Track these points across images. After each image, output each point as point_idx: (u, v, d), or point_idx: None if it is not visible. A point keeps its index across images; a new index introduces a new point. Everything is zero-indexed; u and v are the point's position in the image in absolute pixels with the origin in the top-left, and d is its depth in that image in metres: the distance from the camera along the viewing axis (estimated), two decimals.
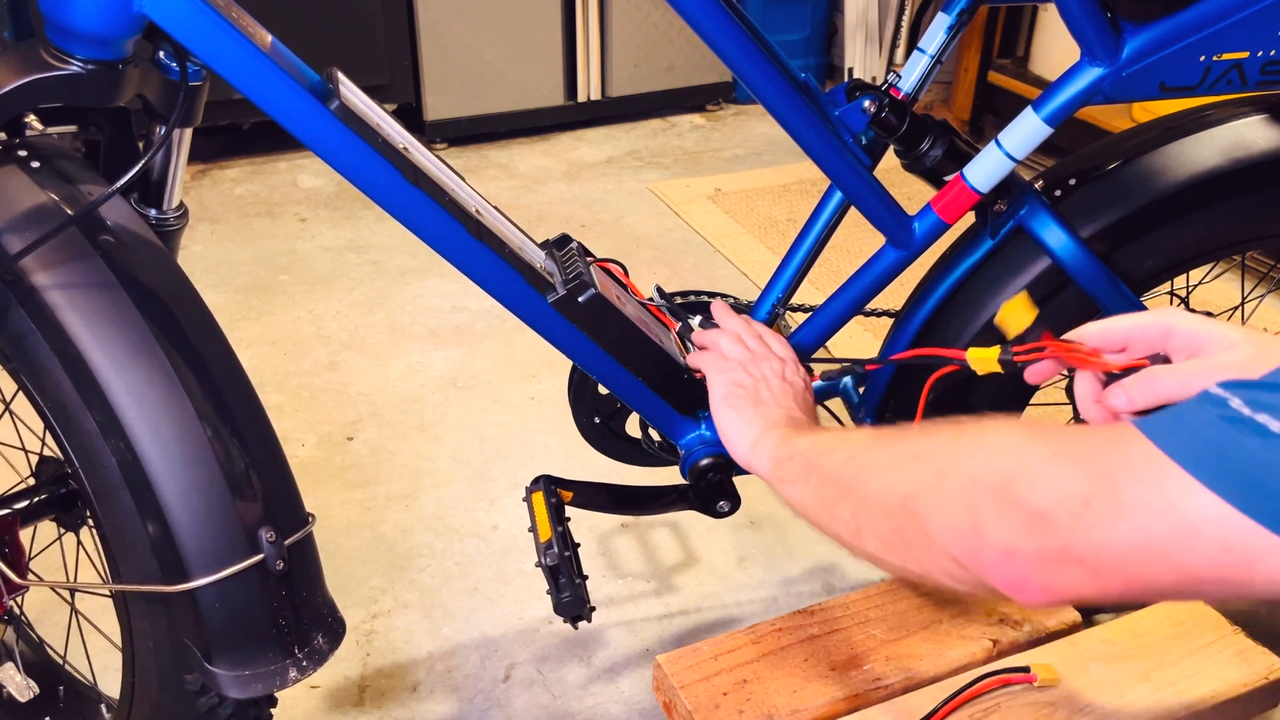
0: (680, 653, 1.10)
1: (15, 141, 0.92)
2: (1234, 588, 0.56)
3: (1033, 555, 0.60)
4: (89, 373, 0.84)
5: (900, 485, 0.69)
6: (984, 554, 0.62)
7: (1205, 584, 0.57)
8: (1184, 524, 0.55)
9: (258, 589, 0.88)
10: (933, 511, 0.66)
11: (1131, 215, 1.13)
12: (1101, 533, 0.58)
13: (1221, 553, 0.55)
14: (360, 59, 2.89)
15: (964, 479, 0.65)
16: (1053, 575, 0.60)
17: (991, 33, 3.09)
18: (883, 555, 0.72)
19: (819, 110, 1.08)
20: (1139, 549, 0.57)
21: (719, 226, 2.66)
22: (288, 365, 2.07)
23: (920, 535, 0.67)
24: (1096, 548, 0.58)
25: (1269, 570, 0.54)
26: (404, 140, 0.96)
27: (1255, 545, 0.53)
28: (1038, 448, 0.62)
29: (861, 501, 0.73)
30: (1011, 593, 0.62)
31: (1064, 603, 0.63)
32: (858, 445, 0.78)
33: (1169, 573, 0.57)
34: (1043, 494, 0.60)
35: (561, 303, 1.01)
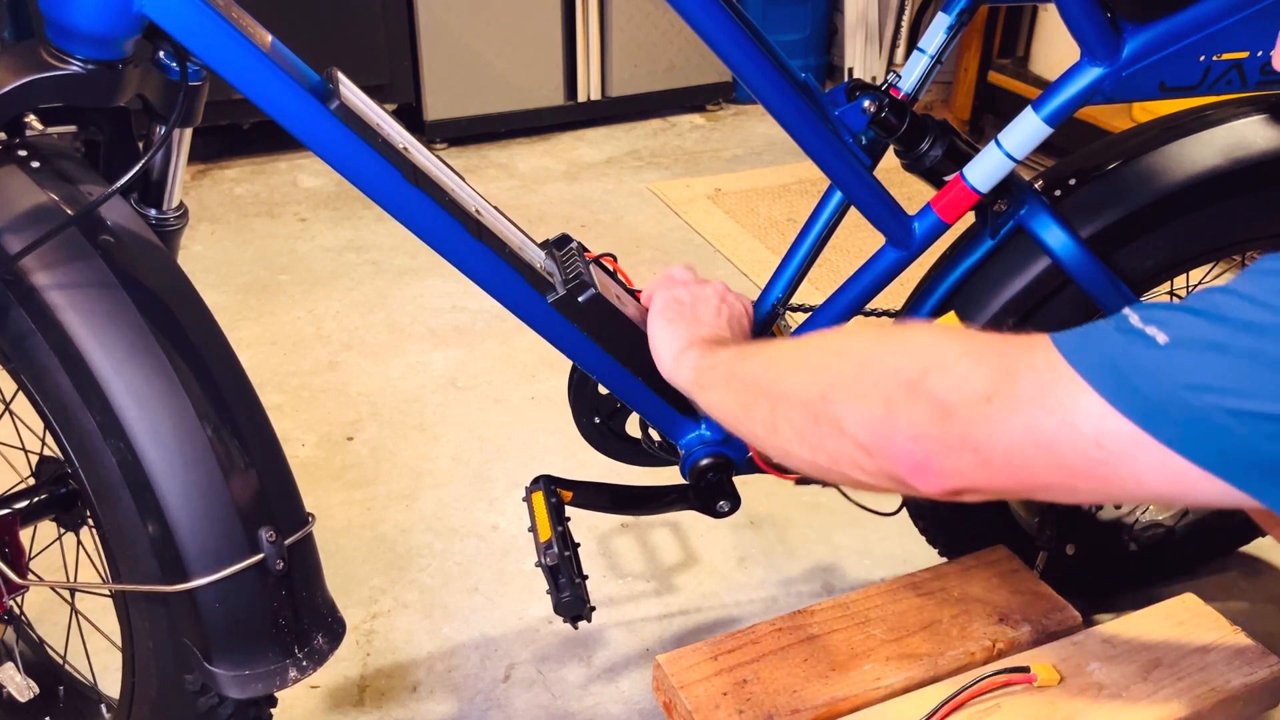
0: (680, 653, 1.10)
1: (15, 141, 0.92)
2: (1103, 484, 0.61)
3: (936, 441, 0.65)
4: (89, 373, 0.84)
5: (821, 378, 0.74)
6: (893, 439, 0.67)
7: (1079, 479, 0.61)
8: (1067, 420, 0.60)
9: (258, 589, 0.88)
10: (849, 400, 0.70)
11: (1131, 215, 1.13)
12: (997, 425, 0.63)
13: (1094, 448, 0.60)
14: (360, 59, 2.89)
15: (882, 371, 0.70)
16: (950, 461, 0.65)
17: (991, 33, 3.09)
18: (794, 448, 0.76)
19: (819, 110, 1.08)
20: (1027, 443, 0.62)
21: (719, 226, 2.66)
22: (288, 365, 2.07)
23: (832, 425, 0.71)
24: (991, 439, 0.63)
25: (1133, 469, 0.59)
26: (404, 140, 0.96)
27: (1124, 441, 0.58)
28: (953, 345, 0.68)
29: (780, 397, 0.77)
30: (911, 476, 0.67)
31: (957, 491, 0.67)
32: (781, 348, 0.83)
33: (1049, 467, 0.62)
34: (952, 387, 0.65)
35: (561, 303, 1.01)
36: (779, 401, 0.77)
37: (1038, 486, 0.64)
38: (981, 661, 1.11)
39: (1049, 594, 1.19)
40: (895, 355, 0.70)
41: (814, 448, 0.74)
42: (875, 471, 0.70)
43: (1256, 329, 0.55)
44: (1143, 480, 0.59)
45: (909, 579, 1.22)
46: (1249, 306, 0.56)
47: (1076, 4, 0.96)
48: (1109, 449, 0.59)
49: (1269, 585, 1.55)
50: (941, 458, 0.66)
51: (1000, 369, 0.64)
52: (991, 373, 0.64)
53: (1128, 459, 0.59)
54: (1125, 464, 0.59)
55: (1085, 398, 0.59)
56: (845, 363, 0.73)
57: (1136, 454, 0.58)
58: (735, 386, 0.84)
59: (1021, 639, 1.13)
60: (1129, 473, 0.59)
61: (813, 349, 0.78)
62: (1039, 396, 0.61)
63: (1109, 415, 0.58)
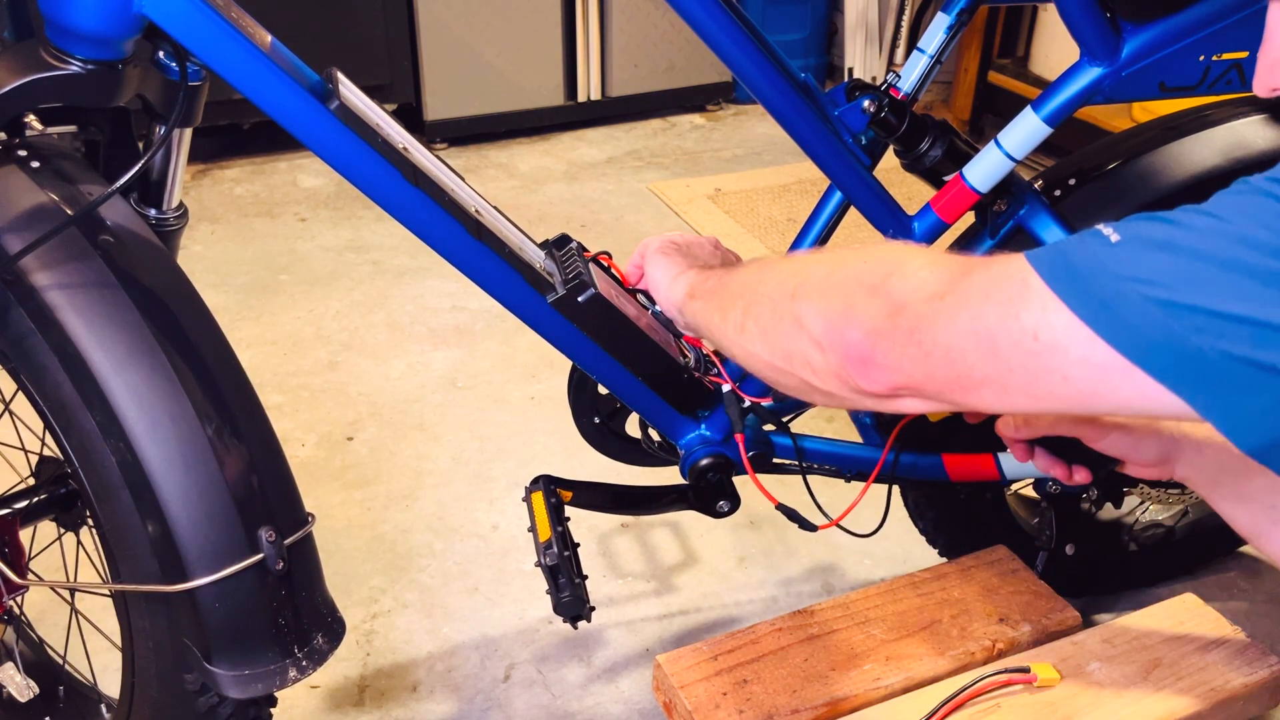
0: (680, 653, 1.10)
1: (15, 141, 0.92)
2: (1032, 379, 0.62)
3: (884, 335, 0.68)
4: (89, 373, 0.84)
5: (794, 280, 0.76)
6: (844, 333, 0.70)
7: (1011, 373, 0.63)
8: (1011, 312, 0.62)
9: (257, 589, 0.88)
10: (814, 297, 0.73)
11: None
12: (944, 319, 0.65)
13: (1031, 339, 0.61)
14: (360, 59, 2.89)
15: (850, 274, 0.72)
16: (894, 354, 0.67)
17: (991, 33, 3.09)
18: (757, 347, 0.79)
19: (819, 110, 1.08)
20: (968, 333, 0.64)
21: (719, 226, 2.66)
22: (288, 365, 2.07)
23: (794, 321, 0.74)
24: (935, 331, 0.65)
25: (1062, 363, 0.60)
26: (404, 140, 0.96)
27: (1059, 332, 0.60)
28: (920, 255, 0.71)
29: (754, 299, 0.80)
30: (856, 370, 0.70)
31: (896, 389, 0.69)
32: (770, 261, 0.86)
33: (985, 358, 0.63)
34: (910, 287, 0.68)
35: (561, 303, 1.01)
36: (753, 302, 0.80)
37: (972, 383, 0.65)
38: (981, 661, 1.11)
39: (1049, 594, 1.19)
40: (865, 261, 0.73)
41: (773, 345, 0.77)
42: (825, 369, 0.72)
43: (1200, 231, 0.57)
44: (1069, 376, 0.60)
45: (909, 579, 1.22)
46: (1200, 216, 0.58)
47: (1076, 4, 0.96)
48: (1044, 340, 0.60)
49: (1269, 585, 1.55)
50: (885, 351, 0.68)
51: (959, 271, 0.66)
52: (949, 275, 0.67)
53: (1059, 351, 0.60)
54: (1056, 356, 0.60)
55: (1034, 290, 0.61)
56: (819, 267, 0.76)
57: (1069, 345, 0.59)
58: (720, 294, 0.88)
59: (1021, 639, 1.13)
60: (1057, 366, 0.60)
61: (794, 259, 0.82)
62: (989, 291, 0.63)
63: (1051, 306, 0.60)
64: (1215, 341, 0.55)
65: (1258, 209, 0.56)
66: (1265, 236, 0.55)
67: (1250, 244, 0.55)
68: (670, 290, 1.00)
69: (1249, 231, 0.55)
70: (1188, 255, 0.56)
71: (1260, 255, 0.55)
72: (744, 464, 1.09)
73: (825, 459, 1.20)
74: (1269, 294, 0.54)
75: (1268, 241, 0.55)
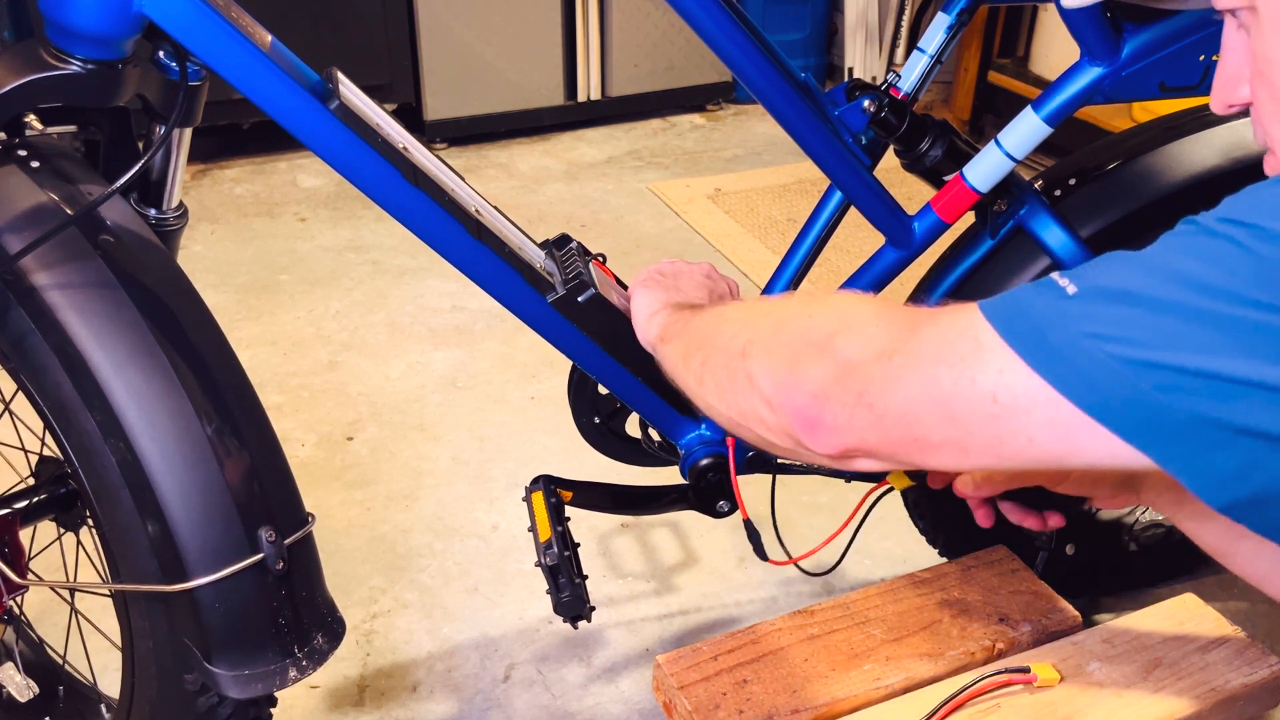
0: (680, 653, 1.10)
1: (15, 141, 0.92)
2: (994, 442, 0.60)
3: (832, 398, 0.66)
4: (89, 373, 0.84)
5: (744, 334, 0.75)
6: (792, 394, 0.68)
7: (971, 436, 0.60)
8: (966, 374, 0.60)
9: (257, 589, 0.88)
10: (762, 356, 0.72)
11: (1131, 215, 1.13)
12: (895, 381, 0.63)
13: (990, 403, 0.59)
14: (360, 59, 2.89)
15: (796, 330, 0.70)
16: (844, 417, 0.65)
17: (991, 33, 3.09)
18: (715, 401, 0.78)
19: (819, 110, 1.08)
20: (922, 398, 0.61)
21: (719, 226, 2.66)
22: (288, 365, 2.07)
23: (746, 379, 0.73)
24: (887, 394, 0.63)
25: (1025, 425, 0.58)
26: (404, 140, 0.96)
27: (1019, 394, 0.57)
28: (867, 308, 0.69)
29: (712, 350, 0.79)
30: (806, 433, 0.68)
31: (849, 452, 0.67)
32: (728, 308, 0.85)
33: (942, 422, 0.61)
34: (856, 345, 0.66)
35: (561, 302, 1.01)
36: (710, 355, 0.79)
37: (930, 446, 0.63)
38: (981, 661, 1.11)
39: (1049, 594, 1.19)
40: (811, 316, 0.71)
41: (730, 402, 0.75)
42: (777, 428, 0.70)
43: (1160, 277, 0.55)
44: (1033, 438, 0.58)
45: (909, 579, 1.21)
46: (1159, 260, 0.56)
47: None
48: (1004, 403, 0.58)
49: None
50: (835, 414, 0.65)
51: (906, 328, 0.64)
52: (897, 332, 0.65)
53: (1021, 414, 0.58)
54: (1018, 419, 0.58)
55: (989, 349, 0.59)
56: (767, 321, 0.74)
57: (1031, 407, 0.57)
58: (684, 339, 0.86)
59: (1021, 639, 1.13)
60: (1020, 429, 0.58)
61: (748, 308, 0.80)
62: (940, 350, 0.61)
63: (1009, 366, 0.58)
64: (1182, 399, 0.53)
65: (1215, 253, 0.54)
66: (1225, 282, 0.53)
67: (1212, 292, 0.53)
68: (645, 329, 0.98)
69: (1210, 278, 0.53)
70: (1148, 307, 0.54)
71: (1223, 303, 0.53)
72: (732, 468, 1.09)
73: None
74: (1233, 345, 0.52)
75: (1228, 288, 0.53)
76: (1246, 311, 0.52)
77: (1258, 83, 0.61)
